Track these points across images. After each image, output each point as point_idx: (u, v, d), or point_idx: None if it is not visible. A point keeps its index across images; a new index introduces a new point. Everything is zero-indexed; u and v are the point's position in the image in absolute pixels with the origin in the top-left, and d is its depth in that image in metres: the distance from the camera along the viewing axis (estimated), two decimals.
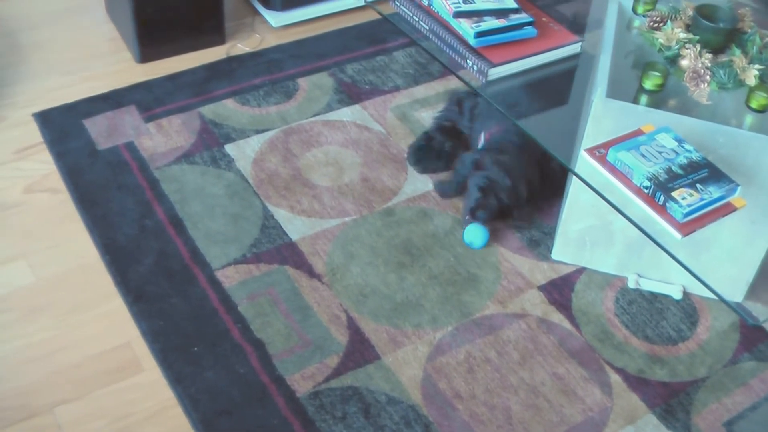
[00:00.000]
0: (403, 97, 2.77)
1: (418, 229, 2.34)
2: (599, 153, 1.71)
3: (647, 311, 2.18)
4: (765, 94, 1.88)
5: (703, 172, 1.67)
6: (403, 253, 2.27)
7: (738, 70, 1.93)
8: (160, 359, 1.97)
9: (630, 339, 2.11)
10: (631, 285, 2.22)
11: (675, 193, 1.60)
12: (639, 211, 1.65)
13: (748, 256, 2.07)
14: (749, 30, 2.03)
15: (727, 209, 1.64)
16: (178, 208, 2.33)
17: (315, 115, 2.67)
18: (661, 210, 1.61)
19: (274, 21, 3.02)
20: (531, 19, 2.09)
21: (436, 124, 2.59)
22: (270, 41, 2.98)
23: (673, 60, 1.98)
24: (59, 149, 2.47)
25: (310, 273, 2.20)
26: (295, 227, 2.31)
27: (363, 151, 2.55)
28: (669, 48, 1.98)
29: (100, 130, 2.55)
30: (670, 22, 2.03)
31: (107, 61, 2.84)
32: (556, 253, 2.28)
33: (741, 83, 1.93)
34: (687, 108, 1.91)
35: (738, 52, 1.95)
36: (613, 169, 1.69)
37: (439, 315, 2.12)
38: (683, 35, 1.98)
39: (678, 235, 1.58)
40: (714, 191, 1.63)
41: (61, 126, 2.55)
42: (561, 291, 2.21)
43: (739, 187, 1.65)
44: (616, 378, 2.03)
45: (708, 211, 1.62)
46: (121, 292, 2.11)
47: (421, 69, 2.89)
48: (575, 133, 2.08)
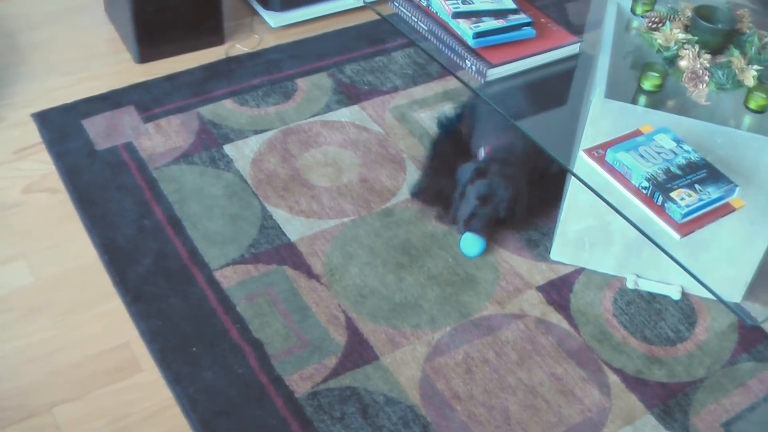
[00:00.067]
0: (401, 98, 2.77)
1: (416, 229, 2.34)
2: (598, 153, 1.71)
3: (646, 312, 2.18)
4: (763, 95, 1.88)
5: (702, 172, 1.67)
6: (402, 254, 2.27)
7: (736, 71, 1.93)
8: (159, 359, 1.97)
9: (628, 339, 2.11)
10: (630, 285, 2.22)
11: (674, 194, 1.61)
12: (637, 211, 1.65)
13: (747, 257, 2.07)
14: (748, 31, 2.04)
15: (726, 210, 1.64)
16: (176, 208, 2.33)
17: (314, 115, 2.67)
18: (660, 210, 1.61)
19: (273, 21, 3.02)
20: (530, 20, 2.09)
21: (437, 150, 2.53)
22: (269, 42, 2.98)
23: (672, 61, 1.98)
24: (58, 149, 2.47)
25: (309, 273, 2.20)
26: (294, 228, 2.31)
27: (362, 152, 2.55)
28: (668, 49, 1.99)
29: (98, 130, 2.55)
30: (668, 22, 2.03)
31: (106, 61, 2.84)
32: (554, 254, 2.28)
33: (739, 84, 1.93)
34: (685, 108, 1.91)
35: (736, 52, 1.95)
36: (611, 170, 1.69)
37: (437, 315, 2.12)
38: (682, 36, 1.98)
39: (676, 235, 1.58)
40: (712, 192, 1.63)
41: (60, 126, 2.55)
42: (559, 291, 2.21)
43: (737, 188, 1.65)
44: (614, 378, 2.03)
45: (706, 211, 1.62)
46: (119, 292, 2.11)
47: (420, 69, 2.89)
48: (574, 134, 2.08)
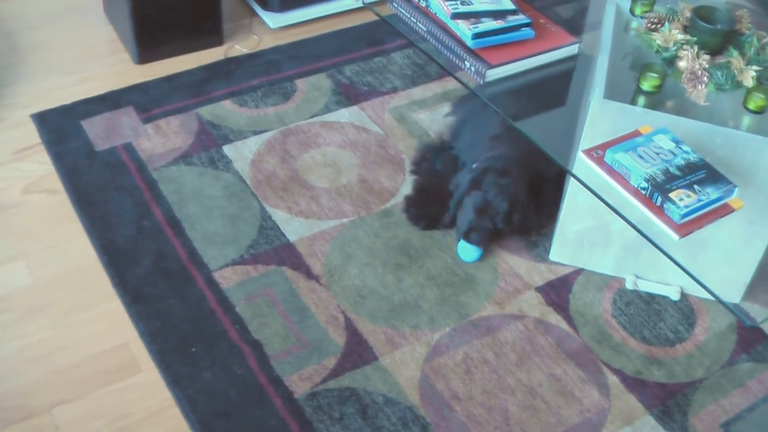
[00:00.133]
0: (401, 99, 2.77)
1: (415, 230, 2.34)
2: (597, 154, 1.71)
3: (645, 312, 2.18)
4: (762, 96, 1.88)
5: (701, 173, 1.67)
6: (401, 254, 2.27)
7: (735, 72, 1.93)
8: (158, 360, 1.97)
9: (628, 340, 2.11)
10: (629, 286, 2.22)
11: (672, 194, 1.61)
12: (636, 212, 1.65)
13: (746, 258, 2.07)
14: (747, 31, 2.04)
15: (725, 210, 1.64)
16: (176, 209, 2.33)
17: (313, 116, 2.67)
18: (659, 211, 1.61)
19: (272, 22, 3.02)
20: (528, 21, 2.10)
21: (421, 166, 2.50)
22: (268, 42, 2.98)
23: (671, 61, 1.98)
24: (57, 150, 2.47)
25: (308, 274, 2.20)
26: (293, 228, 2.31)
27: (361, 153, 2.55)
28: (666, 49, 1.99)
29: (98, 131, 2.55)
30: (667, 23, 2.03)
31: (105, 62, 2.84)
32: (553, 255, 2.28)
33: (738, 84, 1.94)
34: (684, 109, 1.92)
35: (735, 53, 1.96)
36: (610, 171, 1.69)
37: (436, 316, 2.12)
38: (681, 37, 1.98)
39: (675, 236, 1.58)
40: (711, 192, 1.63)
41: (59, 127, 2.55)
42: (559, 292, 2.21)
43: (736, 189, 1.65)
44: (613, 379, 2.03)
45: (705, 212, 1.62)
46: (119, 292, 2.11)
47: (419, 70, 2.89)
48: (573, 135, 2.08)
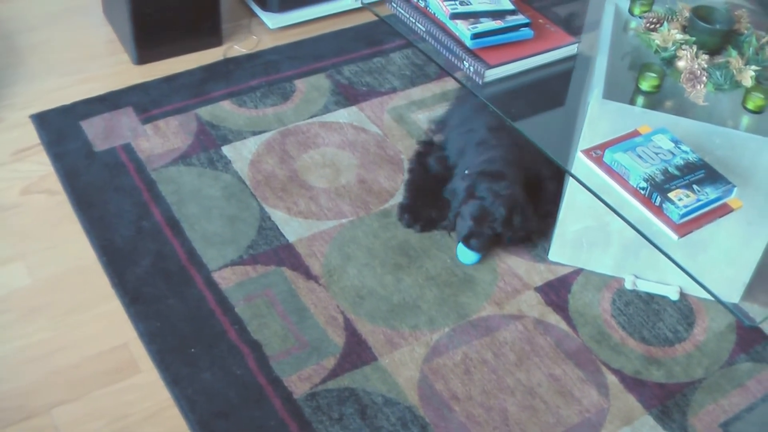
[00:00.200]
0: (399, 99, 2.77)
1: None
2: (596, 154, 1.71)
3: (644, 312, 2.18)
4: (761, 95, 1.88)
5: (700, 173, 1.67)
6: (400, 255, 2.27)
7: (734, 72, 1.93)
8: (158, 360, 1.97)
9: (627, 340, 2.11)
10: (628, 286, 2.22)
11: (671, 194, 1.61)
12: (636, 212, 1.65)
13: (745, 257, 2.07)
14: (745, 31, 2.04)
15: (724, 210, 1.64)
16: (175, 209, 2.33)
17: (312, 116, 2.67)
18: (658, 211, 1.61)
19: (271, 23, 3.02)
20: (527, 21, 2.10)
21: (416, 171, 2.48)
22: (267, 43, 2.98)
23: (670, 61, 1.98)
24: (56, 151, 2.47)
25: (307, 274, 2.20)
26: (292, 229, 2.31)
27: (360, 153, 2.55)
28: (665, 49, 1.99)
29: (97, 131, 2.55)
30: (666, 23, 2.03)
31: (104, 62, 2.84)
32: (553, 255, 2.28)
33: (737, 84, 1.94)
34: (683, 109, 1.92)
35: (734, 53, 1.96)
36: (609, 171, 1.69)
37: (435, 316, 2.12)
38: (680, 36, 1.98)
39: (674, 236, 1.59)
40: (710, 192, 1.63)
41: (59, 128, 2.55)
42: (558, 292, 2.21)
43: (735, 188, 1.65)
44: (612, 379, 2.03)
45: (704, 212, 1.62)
46: (118, 293, 2.11)
47: (418, 70, 2.89)
48: (572, 135, 2.08)
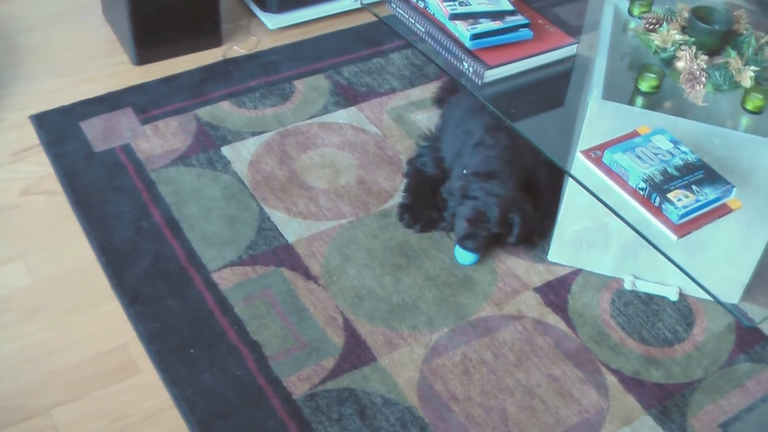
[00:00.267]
0: (399, 99, 2.77)
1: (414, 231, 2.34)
2: (595, 155, 1.72)
3: (643, 313, 2.18)
4: (760, 96, 1.88)
5: (699, 173, 1.67)
6: (399, 255, 2.27)
7: (733, 72, 1.93)
8: (157, 361, 1.97)
9: (626, 340, 2.11)
10: (628, 286, 2.22)
11: (671, 195, 1.61)
12: (635, 212, 1.65)
13: (744, 258, 2.07)
14: (745, 32, 2.04)
15: (723, 211, 1.64)
16: (174, 210, 2.33)
17: (311, 117, 2.67)
18: (657, 212, 1.61)
19: (271, 23, 3.02)
20: (527, 21, 2.10)
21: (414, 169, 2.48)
22: (266, 43, 2.98)
23: (669, 62, 1.98)
24: (56, 151, 2.47)
25: (307, 275, 2.20)
26: (292, 229, 2.31)
27: (359, 153, 2.55)
28: (665, 50, 1.99)
29: (96, 132, 2.55)
30: (665, 24, 2.03)
31: (104, 63, 2.84)
32: (552, 255, 2.28)
33: (736, 85, 1.94)
34: (683, 110, 1.92)
35: (733, 53, 1.96)
36: (608, 171, 1.69)
37: (435, 317, 2.12)
38: (679, 37, 1.98)
39: (674, 236, 1.59)
40: (710, 193, 1.63)
41: (58, 128, 2.55)
42: (557, 293, 2.21)
43: (734, 189, 1.66)
44: (612, 379, 2.03)
45: (704, 212, 1.62)
46: (117, 294, 2.11)
47: (417, 71, 2.89)
48: (571, 135, 2.08)
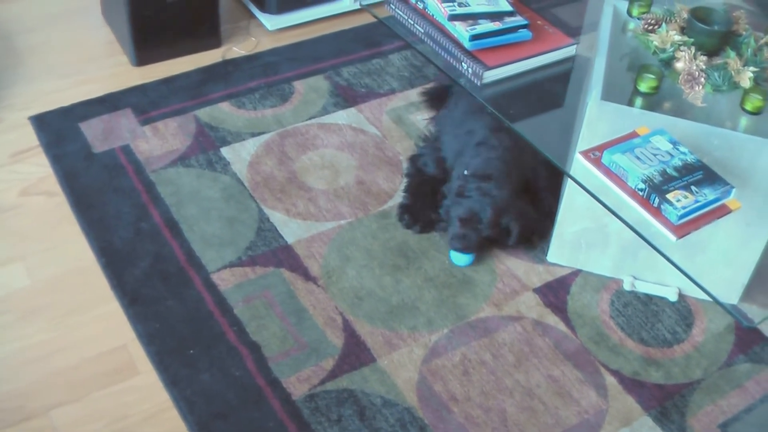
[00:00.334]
0: (398, 100, 2.77)
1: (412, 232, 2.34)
2: (594, 155, 1.72)
3: (642, 313, 2.18)
4: (759, 97, 1.88)
5: (698, 174, 1.67)
6: (399, 256, 2.27)
7: (732, 73, 1.93)
8: (156, 362, 1.97)
9: (625, 341, 2.11)
10: (627, 287, 2.22)
11: (670, 196, 1.61)
12: (634, 213, 1.65)
13: (743, 258, 2.08)
14: (744, 32, 2.04)
15: (722, 211, 1.64)
16: (173, 211, 2.33)
17: (311, 118, 2.68)
18: (656, 212, 1.61)
19: (270, 24, 3.02)
20: (526, 22, 2.10)
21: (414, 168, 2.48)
22: (265, 44, 2.98)
23: (668, 62, 1.98)
24: (55, 152, 2.47)
25: (306, 276, 2.20)
26: (291, 230, 2.31)
27: (359, 154, 2.55)
28: (664, 50, 1.99)
29: (95, 133, 2.55)
30: (664, 24, 2.03)
31: (103, 64, 2.84)
32: (551, 256, 2.28)
33: (735, 85, 1.93)
34: (682, 110, 1.92)
35: (732, 54, 1.96)
36: (608, 172, 1.69)
37: (434, 317, 2.12)
38: (678, 38, 1.98)
39: (673, 237, 1.59)
40: (709, 193, 1.63)
41: (57, 129, 2.55)
42: (556, 293, 2.21)
43: (733, 189, 1.66)
44: (611, 380, 2.03)
45: (703, 213, 1.62)
46: (117, 294, 2.11)
47: (417, 72, 2.89)
48: (570, 136, 2.08)
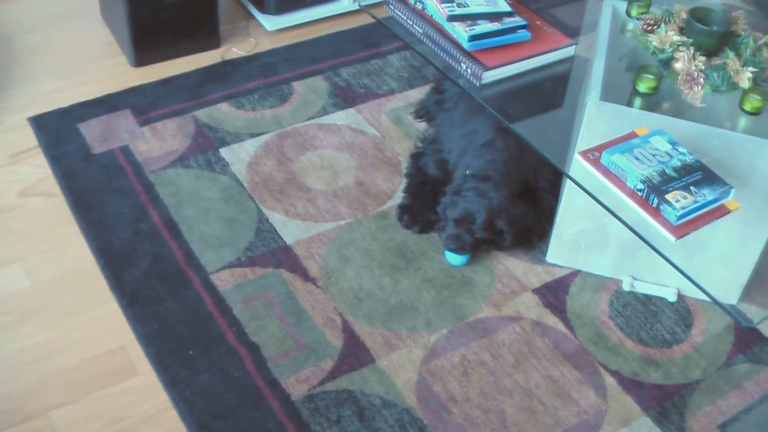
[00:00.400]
0: (397, 101, 2.77)
1: (412, 233, 2.34)
2: (593, 156, 1.72)
3: (642, 314, 2.18)
4: (758, 97, 1.88)
5: (697, 174, 1.67)
6: (398, 257, 2.27)
7: (731, 73, 1.93)
8: (155, 362, 1.97)
9: (624, 341, 2.11)
10: (626, 287, 2.22)
11: (669, 196, 1.61)
12: (633, 213, 1.66)
13: (742, 259, 2.08)
14: (743, 33, 2.04)
15: (721, 212, 1.64)
16: (173, 211, 2.33)
17: (310, 118, 2.68)
18: (655, 213, 1.61)
19: (269, 25, 3.02)
20: (525, 23, 2.10)
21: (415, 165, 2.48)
22: (265, 45, 2.98)
23: (667, 63, 1.98)
24: (54, 153, 2.47)
25: (305, 276, 2.20)
26: (290, 231, 2.31)
27: (358, 155, 2.55)
28: (663, 51, 1.99)
29: (94, 134, 2.55)
30: (663, 25, 2.03)
31: (102, 65, 2.84)
32: (550, 256, 2.28)
33: (734, 86, 1.94)
34: (681, 111, 1.92)
35: (731, 54, 1.96)
36: (607, 172, 1.69)
37: (433, 318, 2.12)
38: (677, 38, 1.98)
39: (672, 237, 1.59)
40: (708, 194, 1.63)
41: (56, 130, 2.55)
42: (555, 294, 2.21)
43: (732, 190, 1.66)
44: (610, 380, 2.03)
45: (702, 213, 1.62)
46: (116, 295, 2.11)
47: (416, 72, 2.89)
48: (569, 136, 2.08)
